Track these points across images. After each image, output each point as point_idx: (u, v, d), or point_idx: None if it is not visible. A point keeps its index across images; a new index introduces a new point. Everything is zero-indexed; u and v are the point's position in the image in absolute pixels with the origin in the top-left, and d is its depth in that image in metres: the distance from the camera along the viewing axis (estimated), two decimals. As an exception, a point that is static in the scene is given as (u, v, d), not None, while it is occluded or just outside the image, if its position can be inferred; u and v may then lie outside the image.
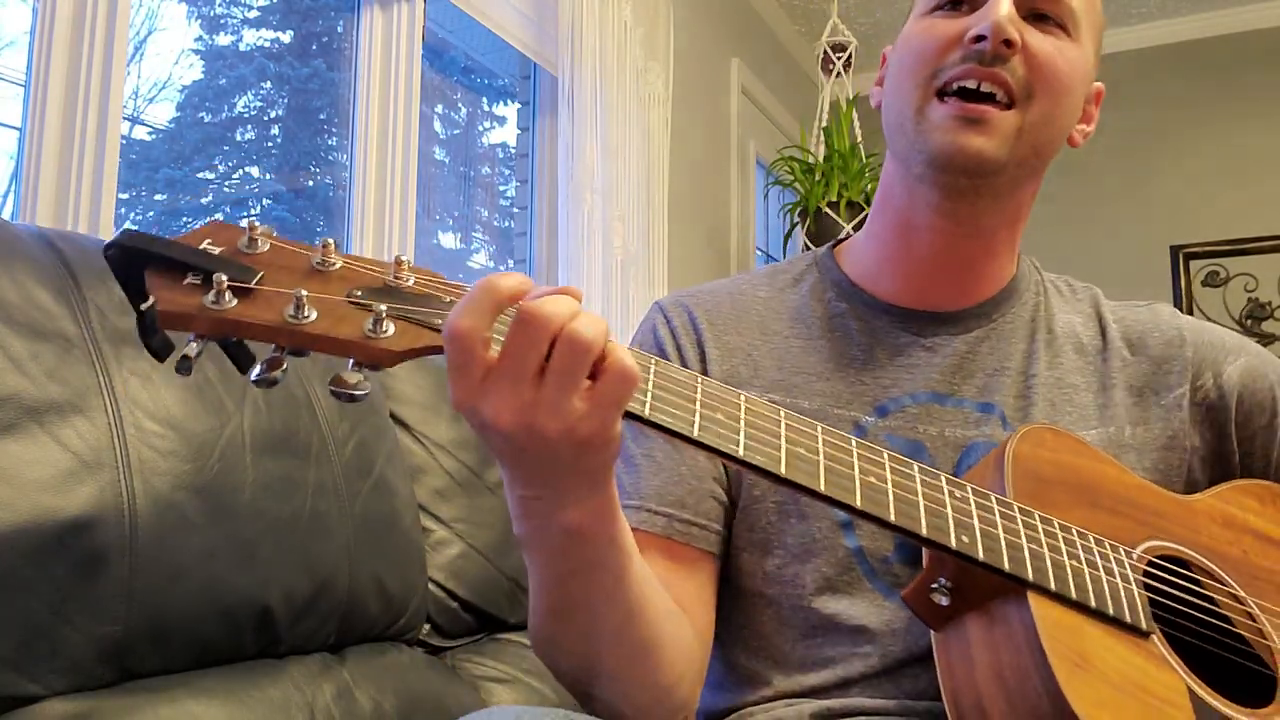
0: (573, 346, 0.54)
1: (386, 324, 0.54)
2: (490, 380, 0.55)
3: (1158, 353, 0.90)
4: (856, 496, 0.63)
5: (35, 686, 0.77)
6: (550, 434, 0.56)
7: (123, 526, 0.82)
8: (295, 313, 0.53)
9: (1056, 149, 0.86)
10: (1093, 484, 0.76)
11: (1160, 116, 3.80)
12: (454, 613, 1.25)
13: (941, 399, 0.85)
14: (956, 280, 0.89)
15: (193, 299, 0.52)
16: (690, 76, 2.99)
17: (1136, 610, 0.70)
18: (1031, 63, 0.80)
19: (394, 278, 0.57)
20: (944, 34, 0.82)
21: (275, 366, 0.54)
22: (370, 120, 2.06)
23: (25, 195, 1.39)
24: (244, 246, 0.55)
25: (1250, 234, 3.62)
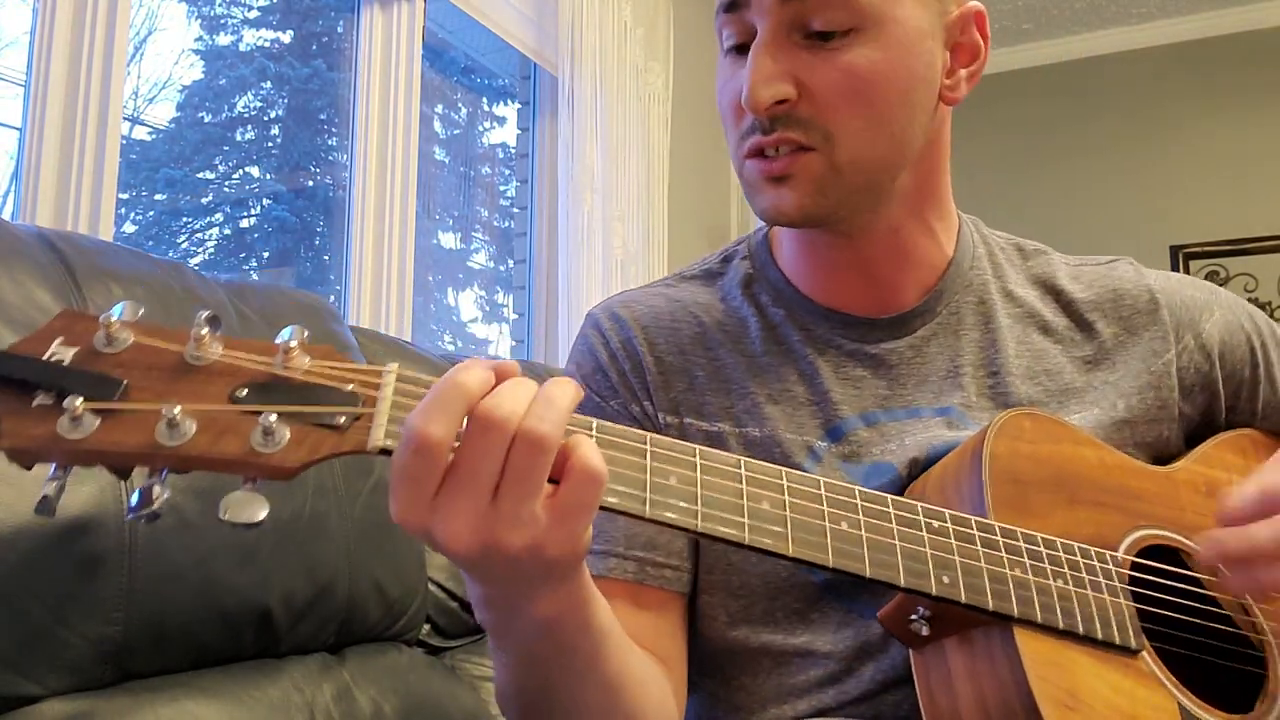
0: (530, 448, 0.48)
1: (278, 431, 0.47)
2: (443, 496, 0.49)
3: (1132, 321, 0.85)
4: (829, 554, 0.59)
5: (34, 687, 0.77)
6: (513, 550, 0.50)
7: (122, 527, 0.82)
8: (169, 431, 0.46)
9: (909, 142, 0.76)
10: (1072, 476, 0.74)
11: (1160, 116, 3.80)
12: (454, 613, 1.25)
13: (893, 414, 0.80)
14: (881, 285, 0.82)
15: (44, 427, 0.45)
16: (690, 76, 2.99)
17: (1125, 628, 0.67)
18: (814, 104, 0.73)
19: (282, 368, 0.49)
20: (733, 95, 0.76)
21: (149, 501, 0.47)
22: (370, 120, 2.06)
23: (25, 195, 1.39)
24: (101, 345, 0.47)
25: (1250, 234, 3.62)
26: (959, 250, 0.86)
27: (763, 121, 0.73)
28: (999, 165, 3.93)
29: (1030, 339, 0.84)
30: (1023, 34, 3.89)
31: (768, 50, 0.73)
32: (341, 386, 0.50)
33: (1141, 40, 3.86)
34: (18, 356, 0.46)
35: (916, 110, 0.76)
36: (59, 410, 0.45)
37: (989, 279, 0.86)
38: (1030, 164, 3.93)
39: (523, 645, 0.60)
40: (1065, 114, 3.92)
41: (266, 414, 0.47)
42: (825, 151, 0.73)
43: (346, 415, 0.49)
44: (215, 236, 2.19)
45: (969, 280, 0.85)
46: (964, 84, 0.79)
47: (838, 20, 0.72)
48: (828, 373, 0.81)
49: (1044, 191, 3.88)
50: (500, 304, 2.75)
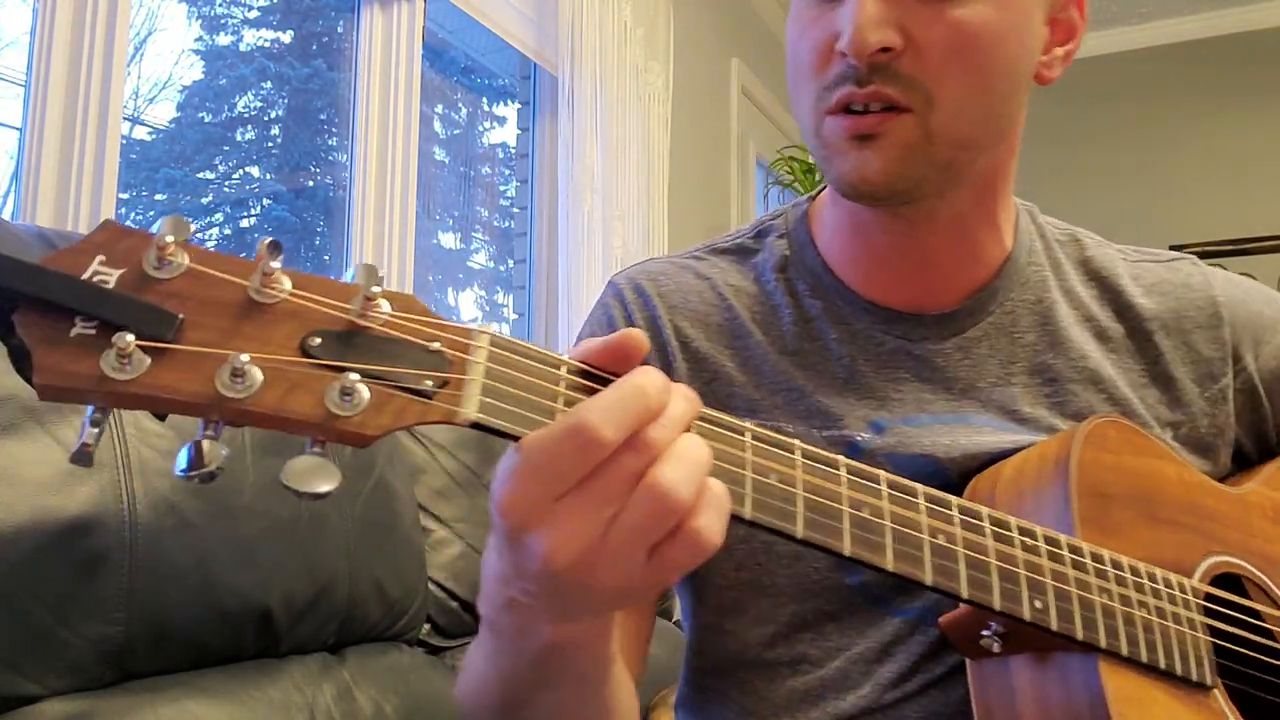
0: (665, 505, 0.43)
1: (358, 392, 0.41)
2: (566, 505, 0.44)
3: (1192, 337, 0.79)
4: (926, 571, 0.54)
5: (35, 687, 0.77)
6: (600, 587, 0.45)
7: (122, 527, 0.82)
8: (231, 381, 0.39)
9: (1000, 119, 0.72)
10: (1153, 493, 0.70)
11: (1161, 116, 3.80)
12: (454, 613, 1.25)
13: (940, 417, 0.74)
14: (934, 278, 0.77)
15: (86, 364, 0.38)
16: (690, 76, 2.99)
17: (1201, 663, 0.65)
18: (917, 58, 0.66)
19: (361, 315, 0.42)
20: (817, 45, 0.69)
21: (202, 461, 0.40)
22: (370, 120, 2.06)
23: (25, 195, 1.39)
24: (153, 268, 0.40)
25: (1250, 234, 3.62)
26: (1017, 244, 0.80)
27: (860, 70, 0.66)
28: (999, 165, 3.94)
29: (1087, 346, 0.78)
30: (1023, 34, 3.89)
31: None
32: (427, 344, 0.43)
33: (1142, 40, 3.86)
34: (55, 274, 0.38)
35: (1017, 84, 0.71)
36: (103, 344, 0.38)
37: (1047, 275, 0.80)
38: (1030, 162, 3.92)
39: (528, 659, 0.54)
40: (1065, 114, 3.92)
41: (347, 371, 0.40)
42: (921, 115, 0.67)
43: (433, 379, 0.43)
44: (215, 236, 2.19)
45: (1025, 277, 0.79)
46: (1058, 64, 0.75)
47: None
48: (868, 373, 0.75)
49: (1044, 190, 3.87)
50: (500, 304, 2.75)
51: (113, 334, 0.38)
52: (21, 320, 0.38)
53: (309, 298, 0.42)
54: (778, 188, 3.48)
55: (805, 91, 0.71)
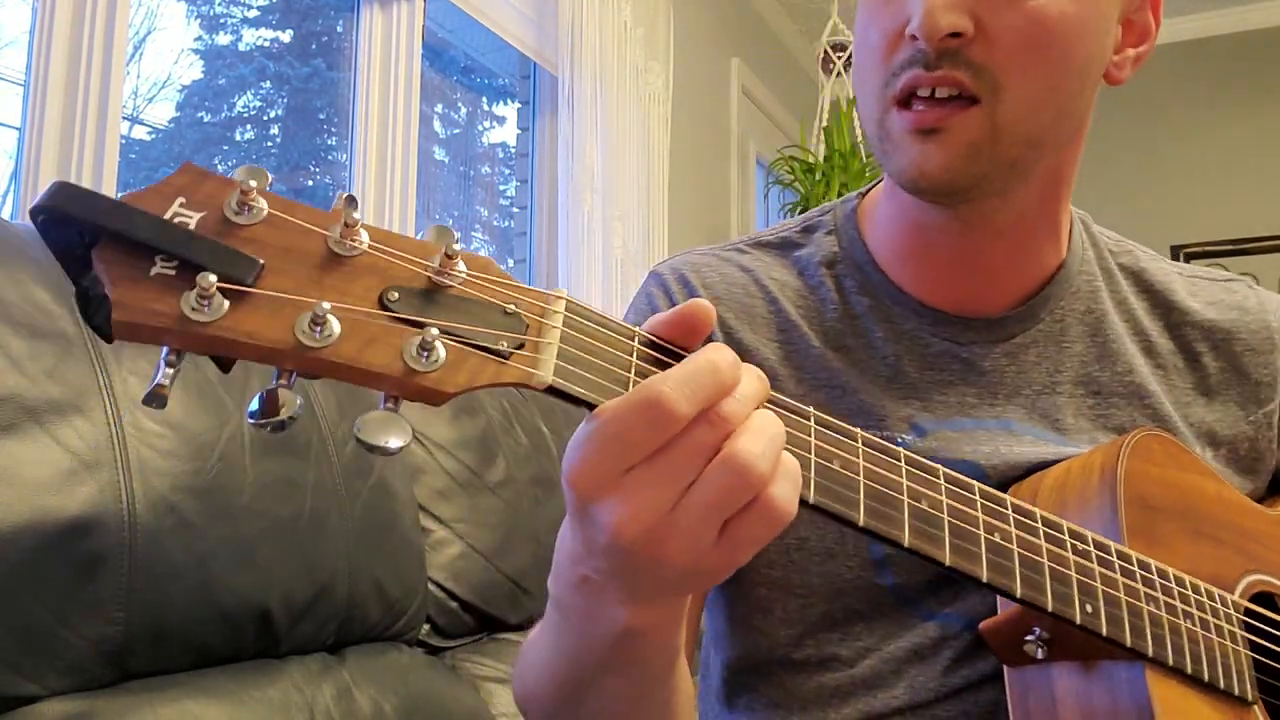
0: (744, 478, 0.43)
1: (436, 349, 0.41)
2: (636, 477, 0.43)
3: (1243, 360, 0.78)
4: (983, 567, 0.54)
5: (34, 686, 0.77)
6: (671, 562, 0.45)
7: (122, 527, 0.82)
8: (311, 329, 0.39)
9: (1067, 117, 0.69)
10: (1196, 508, 0.70)
11: (1161, 116, 3.80)
12: (454, 613, 1.25)
13: (983, 423, 0.73)
14: (988, 281, 0.76)
15: (167, 303, 0.37)
16: (690, 76, 2.99)
17: (1244, 678, 0.65)
18: (989, 45, 0.64)
19: (439, 272, 0.42)
20: (886, 31, 0.68)
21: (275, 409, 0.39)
22: (370, 120, 2.06)
23: (25, 195, 1.39)
24: (233, 212, 0.39)
25: (1250, 234, 3.62)
26: (1070, 252, 0.78)
27: (929, 54, 0.64)
28: (999, 165, 3.93)
29: (1135, 360, 0.77)
30: (1023, 34, 3.88)
31: None
32: (505, 306, 0.43)
33: (1141, 40, 3.87)
34: (139, 211, 0.37)
35: (1087, 82, 0.70)
36: (184, 284, 0.37)
37: (1099, 285, 0.79)
38: (1030, 164, 3.93)
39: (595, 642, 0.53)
40: (1065, 114, 3.92)
41: (428, 327, 0.40)
42: (988, 106, 0.65)
43: (509, 340, 0.42)
44: (215, 236, 2.19)
45: (1077, 286, 0.78)
46: (1130, 65, 0.74)
47: None
48: (912, 373, 0.74)
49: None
50: (500, 304, 2.74)
51: (193, 275, 0.37)
52: (101, 256, 0.37)
53: (389, 252, 0.42)
54: (778, 188, 3.48)
55: (872, 78, 0.69)
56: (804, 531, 0.73)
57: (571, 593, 0.51)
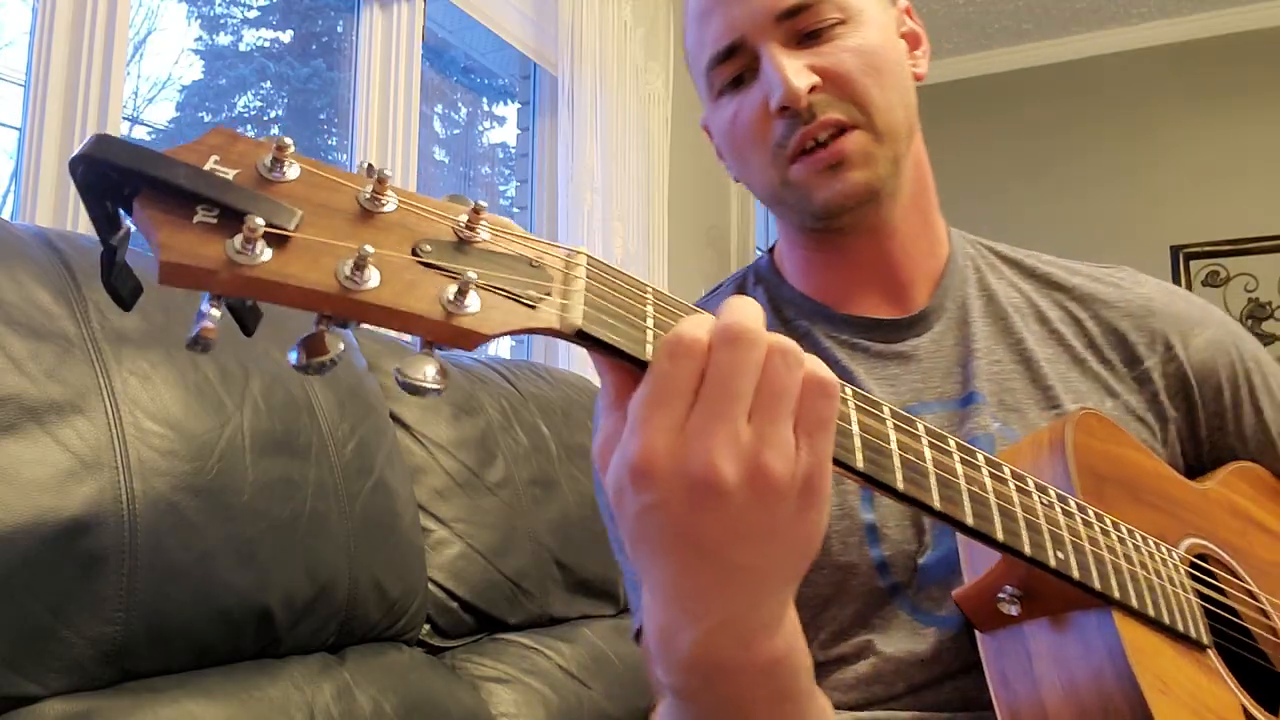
0: (785, 358, 0.45)
1: (471, 295, 0.42)
2: (697, 418, 0.44)
3: (1123, 324, 0.88)
4: (967, 512, 0.57)
5: (34, 686, 0.77)
6: (780, 480, 0.44)
7: (122, 527, 0.82)
8: (352, 273, 0.40)
9: (912, 109, 0.84)
10: (1136, 479, 0.76)
11: (1161, 116, 3.80)
12: (454, 613, 1.25)
13: (928, 405, 0.84)
14: (898, 281, 0.87)
15: (212, 248, 0.38)
16: (690, 77, 2.99)
17: (1198, 624, 0.69)
18: (840, 84, 0.78)
19: (467, 227, 0.44)
20: (752, 118, 0.81)
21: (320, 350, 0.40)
22: (370, 120, 2.06)
23: (25, 195, 1.39)
24: (266, 170, 0.41)
25: (1250, 234, 3.62)
26: (952, 244, 0.91)
27: (804, 112, 0.78)
28: (999, 164, 3.93)
29: (1029, 327, 0.88)
30: (1023, 34, 3.89)
31: (783, 55, 0.78)
32: (533, 259, 0.45)
33: (1141, 40, 3.86)
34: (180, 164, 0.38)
35: (908, 82, 0.84)
36: (227, 230, 0.38)
37: (985, 271, 0.91)
38: (1030, 163, 3.93)
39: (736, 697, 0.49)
40: (1065, 114, 3.92)
41: (464, 273, 0.41)
42: (866, 125, 0.79)
43: (538, 289, 0.44)
44: (215, 236, 2.19)
45: (966, 274, 0.90)
46: (922, 61, 0.88)
47: (829, 16, 0.80)
48: (862, 374, 0.84)
49: (1044, 190, 3.88)
50: (500, 304, 2.74)
51: (235, 223, 0.38)
52: (143, 204, 0.37)
53: (417, 209, 0.43)
54: (777, 188, 3.48)
55: (757, 158, 0.82)
56: None
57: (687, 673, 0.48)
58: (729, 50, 0.81)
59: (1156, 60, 3.85)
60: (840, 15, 0.80)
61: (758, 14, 0.79)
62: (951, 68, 4.02)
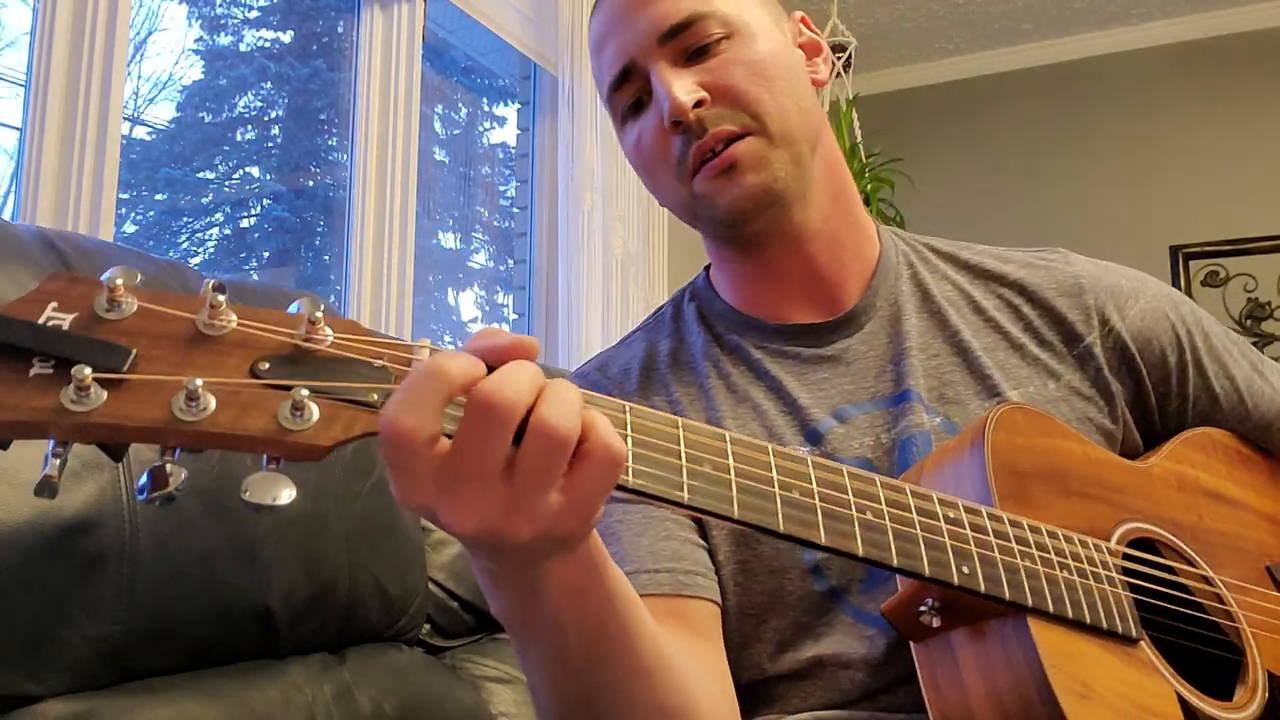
0: (548, 440, 0.46)
1: (309, 408, 0.43)
2: (445, 481, 0.46)
3: (1059, 303, 0.89)
4: (858, 544, 0.58)
5: (35, 686, 0.77)
6: (523, 538, 0.47)
7: (122, 527, 0.82)
8: (187, 405, 0.41)
9: (813, 113, 0.85)
10: (1063, 469, 0.76)
11: (1160, 116, 3.80)
12: (454, 613, 1.25)
13: (860, 406, 0.84)
14: (826, 286, 0.88)
15: (46, 399, 0.40)
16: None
17: (1126, 618, 0.69)
18: (728, 96, 0.80)
19: (306, 339, 0.45)
20: (652, 139, 0.83)
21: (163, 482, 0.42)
22: (370, 120, 2.06)
23: (25, 195, 1.39)
24: (104, 310, 0.42)
25: (1250, 234, 3.62)
26: (883, 243, 0.91)
27: (694, 127, 0.80)
28: (999, 164, 3.93)
29: (964, 319, 0.88)
30: (1023, 34, 3.89)
31: (670, 73, 0.81)
32: (372, 361, 0.46)
33: (1141, 41, 3.86)
34: (12, 320, 0.40)
35: (805, 87, 0.86)
36: (61, 380, 0.40)
37: (918, 267, 0.92)
38: (1030, 163, 3.93)
39: (549, 632, 0.56)
40: (1064, 114, 3.92)
41: (297, 389, 0.43)
42: (759, 130, 0.80)
43: (380, 391, 0.45)
44: (215, 236, 2.19)
45: (899, 272, 0.91)
46: (822, 67, 0.90)
47: (713, 31, 0.82)
48: (792, 382, 0.85)
49: (1044, 191, 3.88)
50: (500, 304, 2.75)
51: (70, 371, 0.40)
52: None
53: (256, 326, 0.44)
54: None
55: (664, 176, 0.85)
56: (742, 555, 0.80)
57: (497, 598, 0.56)
58: (623, 75, 0.84)
59: (1156, 61, 3.85)
60: (723, 30, 0.82)
61: (642, 37, 0.82)
62: (951, 68, 4.02)
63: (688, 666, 0.66)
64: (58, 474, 0.41)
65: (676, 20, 0.81)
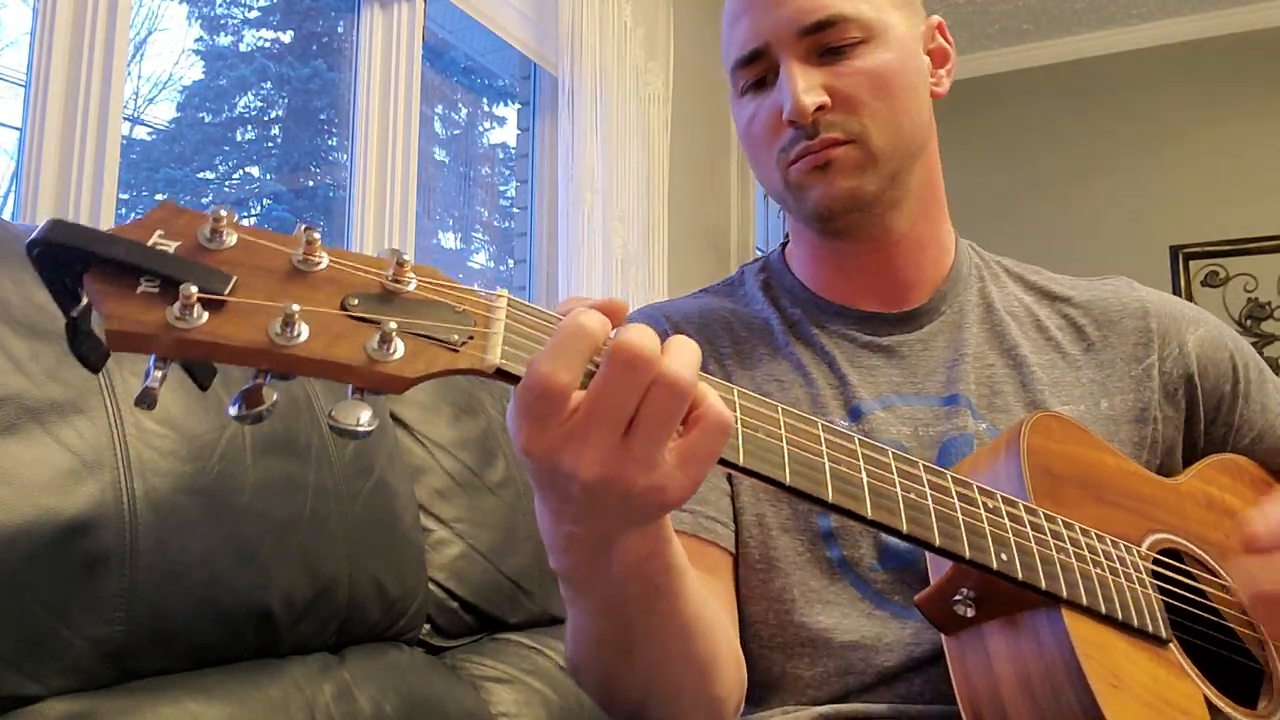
0: (671, 392, 0.49)
1: (395, 342, 0.46)
2: (577, 428, 0.49)
3: (1121, 325, 0.91)
4: (902, 520, 0.60)
5: (35, 686, 0.77)
6: (637, 490, 0.50)
7: (123, 527, 0.82)
8: (282, 330, 0.44)
9: (922, 129, 0.87)
10: (1097, 477, 0.77)
11: (1160, 116, 3.80)
12: (454, 613, 1.25)
13: (905, 399, 0.87)
14: (896, 285, 0.91)
15: (153, 314, 0.42)
16: (690, 76, 2.99)
17: (1156, 619, 0.70)
18: (848, 106, 0.82)
19: (393, 280, 0.48)
20: (766, 121, 0.85)
21: (256, 402, 0.44)
22: (370, 120, 2.06)
23: (25, 195, 1.39)
24: (205, 240, 0.45)
25: (1250, 234, 3.62)
26: (958, 254, 0.95)
27: (807, 128, 0.82)
28: (999, 165, 3.93)
29: (1025, 335, 0.91)
30: (1023, 34, 3.89)
31: (799, 71, 0.82)
32: (455, 305, 0.49)
33: (1141, 40, 3.87)
34: (122, 240, 0.42)
35: (922, 101, 0.87)
36: (167, 298, 0.42)
37: (987, 282, 0.95)
38: (1031, 164, 3.93)
39: (609, 588, 0.60)
40: (1064, 114, 3.92)
41: (386, 322, 0.45)
42: (861, 142, 0.82)
43: (460, 333, 0.48)
44: (215, 236, 2.18)
45: (969, 283, 0.94)
46: (945, 80, 0.91)
47: (851, 35, 0.83)
48: (844, 361, 0.88)
49: (1044, 191, 3.88)
50: (500, 304, 2.74)
51: (175, 291, 0.42)
52: (92, 279, 0.42)
53: (347, 266, 0.47)
54: (778, 188, 3.48)
55: (766, 157, 0.87)
56: (761, 509, 0.83)
57: (568, 556, 0.58)
58: (753, 55, 0.85)
59: (1156, 60, 3.85)
60: (861, 35, 0.83)
61: (782, 26, 0.83)
62: (951, 68, 4.02)
63: (716, 618, 0.70)
64: (158, 385, 0.43)
65: (820, 18, 0.82)
